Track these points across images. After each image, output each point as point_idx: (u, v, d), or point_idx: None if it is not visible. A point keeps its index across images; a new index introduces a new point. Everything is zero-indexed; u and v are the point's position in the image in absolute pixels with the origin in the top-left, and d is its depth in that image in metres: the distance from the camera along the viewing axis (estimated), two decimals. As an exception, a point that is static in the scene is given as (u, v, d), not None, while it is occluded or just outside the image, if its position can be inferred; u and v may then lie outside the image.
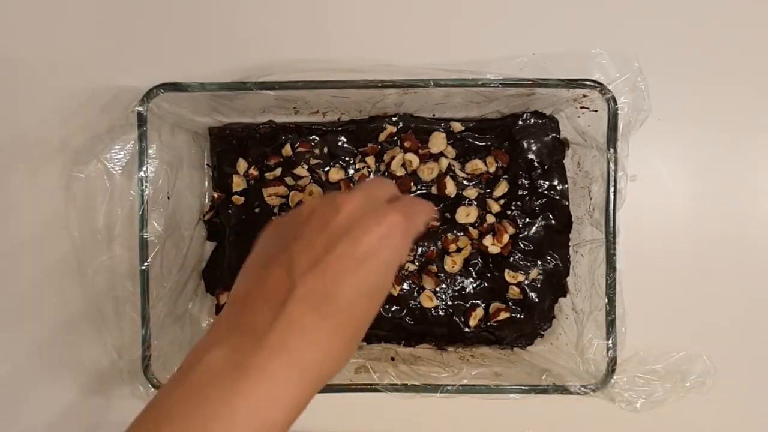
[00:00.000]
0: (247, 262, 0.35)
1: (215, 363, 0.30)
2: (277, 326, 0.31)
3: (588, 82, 0.46)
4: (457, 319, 0.54)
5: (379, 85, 0.46)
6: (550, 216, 0.53)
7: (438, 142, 0.53)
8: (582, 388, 0.47)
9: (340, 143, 0.54)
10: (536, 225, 0.53)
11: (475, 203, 0.54)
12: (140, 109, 0.46)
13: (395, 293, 0.53)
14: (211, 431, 0.29)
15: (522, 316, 0.53)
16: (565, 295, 0.54)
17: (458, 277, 0.54)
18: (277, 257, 0.33)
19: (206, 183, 0.56)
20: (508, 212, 0.53)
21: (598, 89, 0.46)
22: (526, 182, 0.53)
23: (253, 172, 0.53)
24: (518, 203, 0.53)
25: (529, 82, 0.46)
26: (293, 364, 0.30)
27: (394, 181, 0.37)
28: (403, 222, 0.33)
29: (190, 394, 0.30)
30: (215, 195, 0.55)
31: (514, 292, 0.53)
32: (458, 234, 0.54)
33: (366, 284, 0.32)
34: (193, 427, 0.29)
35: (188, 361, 0.32)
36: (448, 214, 0.54)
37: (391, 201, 0.36)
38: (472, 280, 0.54)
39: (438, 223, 0.54)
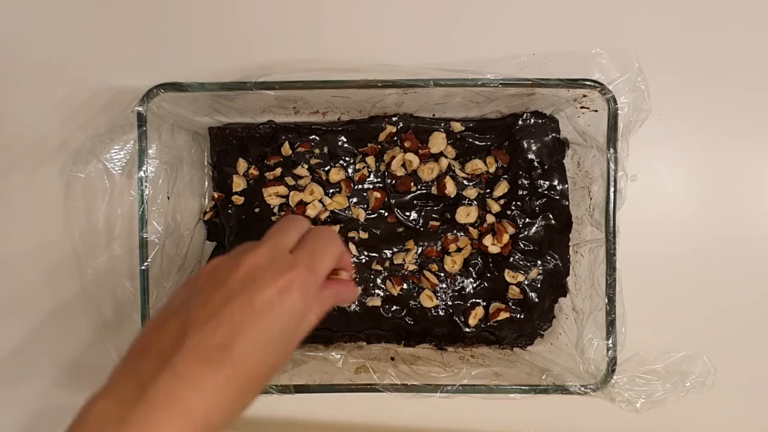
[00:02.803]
0: (153, 316, 0.35)
1: (100, 418, 0.30)
2: (163, 376, 0.30)
3: (588, 82, 0.46)
4: (457, 319, 0.54)
5: (379, 85, 0.46)
6: (550, 216, 0.53)
7: (438, 142, 0.53)
8: (582, 388, 0.47)
9: (340, 143, 0.54)
10: (536, 225, 0.53)
11: (475, 203, 0.54)
12: (140, 109, 0.46)
13: (395, 293, 0.53)
14: None
15: (522, 316, 0.53)
16: (565, 295, 0.54)
17: (458, 277, 0.54)
18: (175, 312, 0.33)
19: (206, 183, 0.56)
20: (508, 212, 0.53)
21: (598, 89, 0.46)
22: (526, 182, 0.53)
23: (253, 171, 0.53)
24: (518, 203, 0.53)
25: (529, 82, 0.46)
26: (179, 414, 0.30)
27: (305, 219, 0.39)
28: (303, 276, 0.33)
29: None
30: (215, 195, 0.55)
31: (514, 292, 0.53)
32: (458, 234, 0.54)
33: (264, 336, 0.32)
34: None
35: (79, 412, 0.31)
36: (448, 214, 0.54)
37: (300, 241, 0.36)
38: (472, 280, 0.54)
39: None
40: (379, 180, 0.54)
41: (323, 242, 0.37)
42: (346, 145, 0.54)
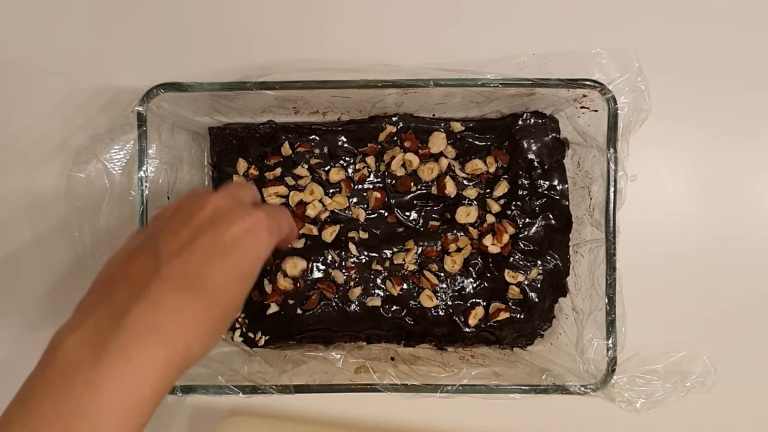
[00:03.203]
0: (113, 254, 0.35)
1: (74, 350, 0.29)
2: (140, 306, 0.30)
3: (588, 82, 0.46)
4: (457, 319, 0.54)
5: (379, 85, 0.46)
6: (550, 216, 0.53)
7: (438, 142, 0.53)
8: (582, 388, 0.47)
9: (340, 143, 0.54)
10: (536, 225, 0.53)
11: (475, 203, 0.54)
12: (140, 109, 0.46)
13: (395, 293, 0.53)
14: (80, 420, 0.28)
15: (522, 316, 0.53)
16: (565, 295, 0.54)
17: (458, 277, 0.54)
18: (143, 246, 0.34)
19: (206, 183, 0.56)
20: (508, 212, 0.53)
21: (598, 89, 0.46)
22: (526, 182, 0.53)
23: (253, 171, 0.53)
24: (518, 203, 0.53)
25: (529, 82, 0.46)
26: (158, 342, 0.30)
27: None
28: (266, 219, 0.35)
29: (52, 384, 0.29)
30: (215, 195, 0.54)
31: (514, 292, 0.53)
32: (458, 234, 0.54)
33: (232, 270, 0.33)
34: (60, 422, 0.28)
35: (50, 345, 0.31)
36: (448, 214, 0.54)
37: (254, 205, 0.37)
38: (472, 280, 0.54)
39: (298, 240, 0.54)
40: (379, 180, 0.54)
41: (279, 207, 0.39)
42: (346, 145, 0.54)
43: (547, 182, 0.53)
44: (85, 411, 0.28)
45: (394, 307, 0.54)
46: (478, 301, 0.54)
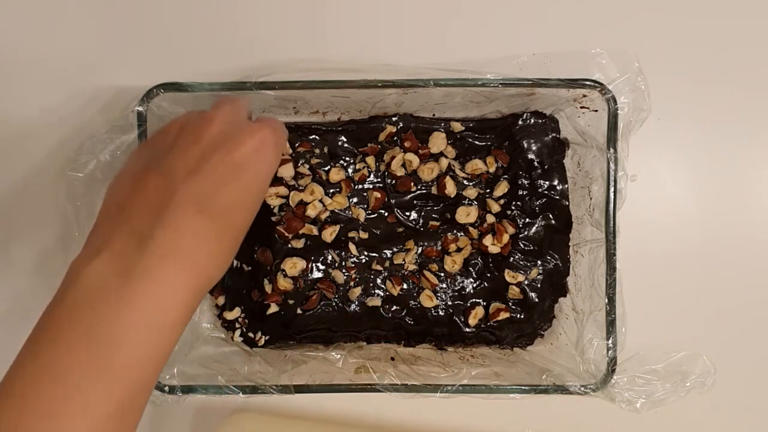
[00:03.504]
0: (117, 176, 0.35)
1: (99, 274, 0.29)
2: (162, 229, 0.30)
3: (588, 82, 0.46)
4: (457, 318, 0.54)
5: (379, 85, 0.46)
6: (550, 216, 0.53)
7: (438, 142, 0.53)
8: (582, 388, 0.47)
9: (340, 143, 0.54)
10: (536, 225, 0.53)
11: (475, 203, 0.54)
12: (140, 108, 0.46)
13: (395, 293, 0.53)
14: (109, 343, 0.28)
15: (522, 316, 0.53)
16: (565, 295, 0.54)
17: (458, 277, 0.54)
18: (152, 167, 0.33)
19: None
20: (508, 212, 0.53)
21: (598, 89, 0.46)
22: (526, 182, 0.53)
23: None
24: (518, 203, 0.53)
25: (529, 82, 0.46)
26: (182, 267, 0.30)
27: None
28: (272, 135, 0.35)
29: (77, 311, 0.29)
30: (215, 195, 0.55)
31: (514, 292, 0.53)
32: (458, 234, 0.54)
33: (244, 192, 0.34)
34: (88, 346, 0.28)
35: (68, 276, 0.31)
36: (448, 214, 0.54)
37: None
38: (472, 280, 0.54)
39: None
40: (379, 180, 0.54)
41: (274, 121, 0.39)
42: (346, 145, 0.54)
43: (547, 182, 0.53)
44: (114, 336, 0.28)
45: (394, 307, 0.54)
46: (478, 301, 0.54)
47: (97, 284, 0.29)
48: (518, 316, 0.53)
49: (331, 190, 0.54)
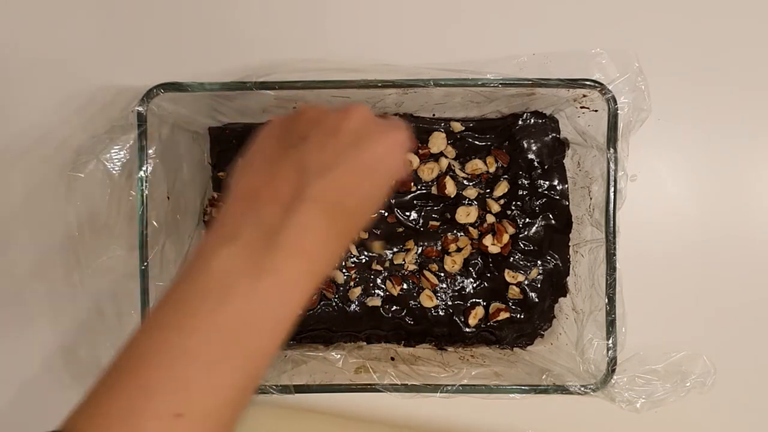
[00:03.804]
0: (249, 157, 0.35)
1: (230, 262, 0.30)
2: (291, 227, 0.31)
3: (588, 82, 0.46)
4: (457, 318, 0.54)
5: (379, 85, 0.46)
6: (550, 216, 0.53)
7: (438, 142, 0.53)
8: (582, 388, 0.47)
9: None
10: (536, 225, 0.53)
11: (475, 203, 0.54)
12: (140, 108, 0.46)
13: (395, 293, 0.53)
14: (237, 328, 0.29)
15: (522, 316, 0.53)
16: (565, 295, 0.54)
17: (458, 277, 0.54)
18: (287, 155, 0.33)
19: (206, 183, 0.56)
20: (508, 212, 0.53)
21: (598, 89, 0.46)
22: (526, 182, 0.53)
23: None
24: (518, 203, 0.53)
25: (529, 82, 0.46)
26: (304, 264, 0.31)
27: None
28: (403, 138, 0.35)
29: (209, 293, 0.30)
30: (215, 195, 0.55)
31: (514, 292, 0.53)
32: (458, 234, 0.54)
33: (371, 192, 0.34)
34: (218, 326, 0.29)
35: (198, 259, 0.32)
36: (448, 214, 0.54)
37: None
38: (472, 280, 0.54)
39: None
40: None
41: (402, 122, 0.38)
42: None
43: (547, 182, 0.53)
44: (242, 322, 0.29)
45: (394, 307, 0.54)
46: (478, 301, 0.54)
47: (229, 271, 0.30)
48: (518, 316, 0.53)
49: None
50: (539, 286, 0.53)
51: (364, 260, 0.54)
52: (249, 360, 0.30)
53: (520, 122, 0.53)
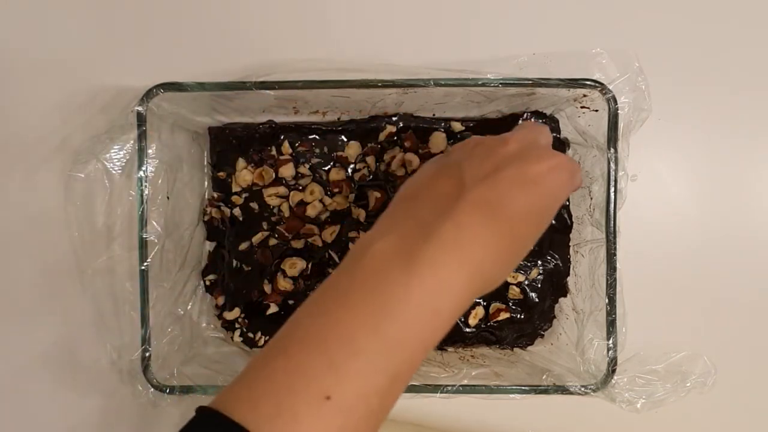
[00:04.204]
0: (411, 179, 0.37)
1: (384, 251, 0.31)
2: (447, 222, 0.32)
3: (588, 82, 0.46)
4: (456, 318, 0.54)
5: (379, 85, 0.46)
6: (551, 216, 0.53)
7: (438, 142, 0.53)
8: (582, 388, 0.47)
9: (340, 143, 0.54)
10: (536, 225, 0.53)
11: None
12: (140, 108, 0.46)
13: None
14: (389, 314, 0.30)
15: (522, 316, 0.53)
16: (565, 295, 0.54)
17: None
18: (447, 169, 0.35)
19: (206, 183, 0.56)
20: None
21: (599, 89, 0.46)
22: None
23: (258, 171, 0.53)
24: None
25: (530, 82, 0.46)
26: (460, 259, 0.31)
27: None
28: (569, 163, 0.35)
29: (364, 281, 0.31)
30: (215, 195, 0.55)
31: (514, 292, 0.53)
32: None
33: (532, 204, 0.34)
34: (371, 313, 0.30)
35: (353, 253, 0.33)
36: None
37: None
38: (472, 280, 0.54)
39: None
40: (379, 180, 0.54)
41: (573, 159, 0.40)
42: (346, 145, 0.54)
43: (547, 182, 0.53)
44: (395, 309, 0.30)
45: (394, 307, 0.54)
46: (478, 300, 0.54)
47: (384, 261, 0.31)
48: (518, 316, 0.53)
49: (335, 190, 0.54)
50: (539, 286, 0.53)
51: (364, 260, 0.54)
52: (400, 349, 0.30)
53: (520, 122, 0.53)
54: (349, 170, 0.54)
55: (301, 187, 0.53)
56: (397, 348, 0.30)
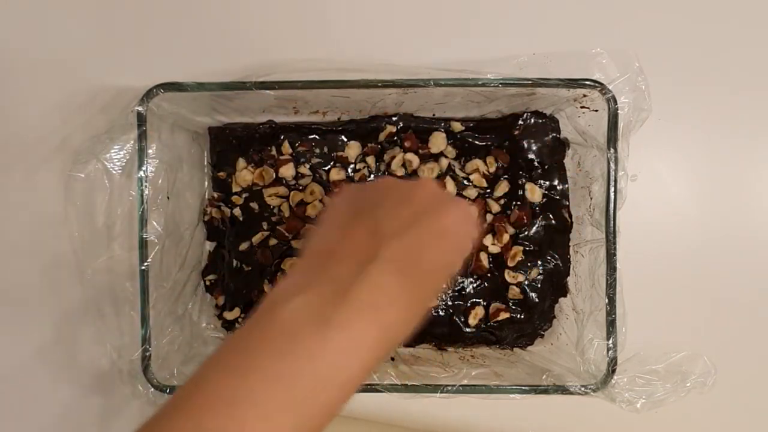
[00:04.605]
0: (322, 222, 0.36)
1: (298, 311, 0.30)
2: (363, 282, 0.31)
3: (588, 82, 0.46)
4: (457, 319, 0.54)
5: (379, 85, 0.46)
6: (551, 216, 0.53)
7: (438, 142, 0.53)
8: (582, 389, 0.47)
9: (340, 143, 0.54)
10: (536, 225, 0.53)
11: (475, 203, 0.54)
12: (140, 108, 0.46)
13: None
14: (300, 377, 0.29)
15: (522, 316, 0.53)
16: (565, 295, 0.54)
17: (458, 277, 0.54)
18: (361, 219, 0.34)
19: (206, 183, 0.56)
20: (508, 212, 0.53)
21: (599, 89, 0.46)
22: (526, 182, 0.53)
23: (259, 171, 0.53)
24: (518, 203, 0.53)
25: (530, 82, 0.46)
26: (375, 322, 0.30)
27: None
28: (472, 211, 0.36)
29: (275, 340, 0.30)
30: (215, 195, 0.55)
31: (514, 292, 0.53)
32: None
33: (443, 258, 0.34)
34: (281, 375, 0.29)
35: (266, 307, 0.31)
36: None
37: None
38: (472, 280, 0.54)
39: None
40: (379, 180, 0.54)
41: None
42: (346, 145, 0.54)
43: (547, 182, 0.53)
44: (305, 372, 0.29)
45: (394, 307, 0.54)
46: (478, 301, 0.54)
47: (295, 322, 0.30)
48: (518, 316, 0.53)
49: (335, 190, 0.54)
50: (539, 286, 0.53)
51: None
52: (308, 412, 0.29)
53: (520, 122, 0.53)
54: (349, 170, 0.54)
55: (301, 187, 0.53)
56: (305, 410, 0.29)
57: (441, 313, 0.54)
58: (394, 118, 0.53)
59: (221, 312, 0.54)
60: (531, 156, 0.53)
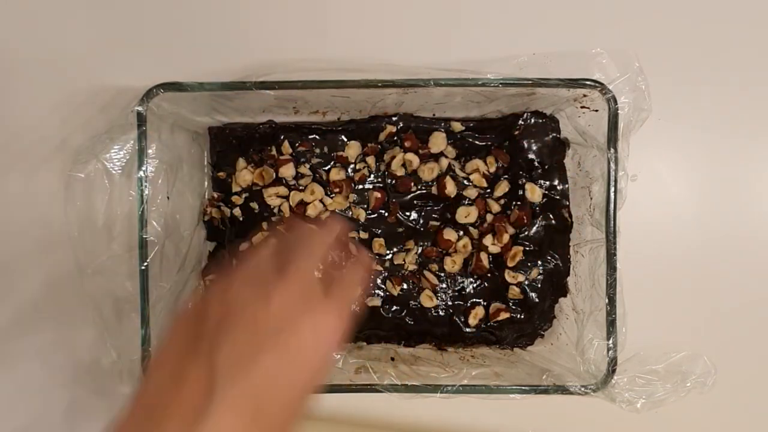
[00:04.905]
0: (158, 353, 0.31)
1: None
2: None
3: (588, 82, 0.46)
4: (457, 319, 0.54)
5: (379, 84, 0.46)
6: (551, 216, 0.53)
7: (438, 141, 0.53)
8: (582, 389, 0.47)
9: (340, 143, 0.54)
10: (536, 225, 0.53)
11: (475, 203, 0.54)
12: (140, 108, 0.46)
13: (395, 293, 0.53)
14: None
15: (522, 316, 0.53)
16: (565, 295, 0.54)
17: (458, 277, 0.54)
18: (196, 352, 0.29)
19: (206, 183, 0.56)
20: (509, 212, 0.53)
21: (599, 89, 0.46)
22: (526, 182, 0.53)
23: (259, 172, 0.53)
24: (518, 203, 0.53)
25: (530, 82, 0.46)
26: None
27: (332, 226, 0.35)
28: (336, 321, 0.30)
29: None
30: (215, 195, 0.54)
31: (514, 292, 0.53)
32: (459, 234, 0.54)
33: (298, 384, 0.29)
34: None
35: None
36: (448, 214, 0.54)
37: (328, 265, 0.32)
38: (472, 280, 0.54)
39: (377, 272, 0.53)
40: (379, 180, 0.54)
41: (353, 280, 0.33)
42: (346, 145, 0.54)
43: (547, 182, 0.53)
44: None
45: (394, 307, 0.54)
46: (478, 301, 0.54)
47: None
48: (518, 316, 0.53)
49: (335, 190, 0.54)
50: (539, 286, 0.53)
51: (364, 260, 0.54)
52: None
53: (520, 122, 0.53)
54: (349, 170, 0.54)
55: (301, 187, 0.53)
56: None
57: (441, 313, 0.54)
58: (394, 118, 0.53)
59: (221, 312, 0.54)
60: (531, 156, 0.53)
